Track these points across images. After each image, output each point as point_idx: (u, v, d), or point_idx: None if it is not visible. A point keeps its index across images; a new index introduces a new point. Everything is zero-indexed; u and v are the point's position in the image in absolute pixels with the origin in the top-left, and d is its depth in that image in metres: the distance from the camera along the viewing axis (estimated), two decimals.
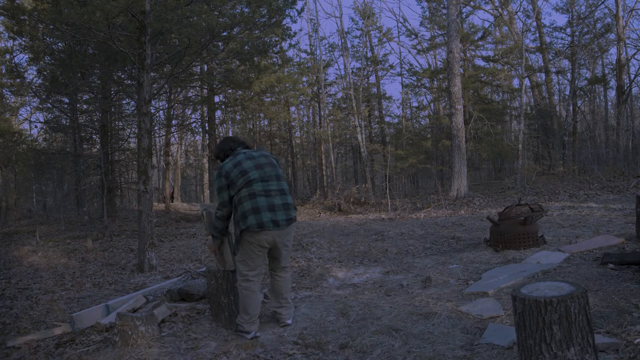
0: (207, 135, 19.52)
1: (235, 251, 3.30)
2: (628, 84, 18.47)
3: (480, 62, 21.63)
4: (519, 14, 19.94)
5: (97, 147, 15.20)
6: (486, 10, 20.95)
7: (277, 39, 13.95)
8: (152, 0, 6.62)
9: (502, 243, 5.51)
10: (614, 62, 18.53)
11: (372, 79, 24.75)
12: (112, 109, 14.90)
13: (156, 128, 17.14)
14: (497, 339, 2.78)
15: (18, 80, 12.73)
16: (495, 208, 10.61)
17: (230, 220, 3.34)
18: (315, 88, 21.78)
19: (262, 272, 3.36)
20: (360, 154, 19.51)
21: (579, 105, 21.23)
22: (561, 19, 66.45)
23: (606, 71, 21.80)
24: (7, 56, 13.71)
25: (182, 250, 8.21)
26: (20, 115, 19.92)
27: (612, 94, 23.83)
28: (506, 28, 20.54)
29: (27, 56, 14.25)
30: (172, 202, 20.24)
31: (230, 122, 26.65)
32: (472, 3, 19.65)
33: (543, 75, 20.49)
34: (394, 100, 45.84)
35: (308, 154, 24.66)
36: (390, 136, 24.92)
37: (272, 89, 16.66)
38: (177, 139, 26.27)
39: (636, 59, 32.65)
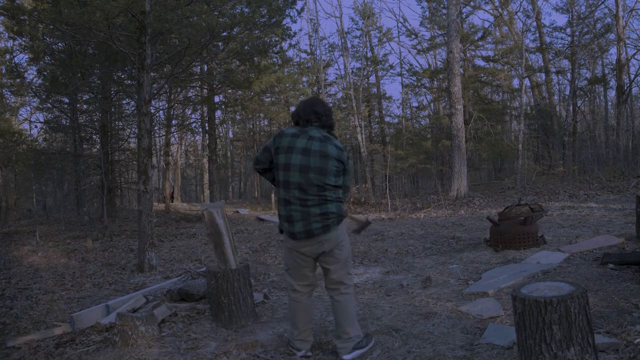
0: (207, 135, 19.53)
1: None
2: (628, 84, 18.48)
3: (480, 62, 21.65)
4: (519, 14, 19.97)
5: (97, 147, 15.20)
6: (486, 10, 20.96)
7: (277, 39, 13.96)
8: (152, 0, 6.62)
9: (502, 243, 5.51)
10: (614, 62, 18.54)
11: (372, 79, 24.78)
12: (112, 109, 14.91)
13: (156, 128, 17.15)
14: (497, 339, 2.78)
15: (18, 80, 12.74)
16: (495, 208, 10.61)
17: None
18: (315, 88, 21.79)
19: (312, 285, 2.98)
20: (360, 154, 19.52)
21: (579, 105, 21.24)
22: (561, 19, 66.47)
23: (606, 71, 21.82)
24: (7, 56, 13.72)
25: (182, 250, 8.21)
26: (20, 115, 19.95)
27: (612, 94, 23.85)
28: (506, 28, 20.55)
29: (27, 56, 14.27)
30: (172, 202, 20.24)
31: (230, 122, 26.67)
32: (472, 3, 19.65)
33: (543, 75, 20.49)
34: (394, 100, 45.89)
35: None
36: (390, 136, 24.94)
37: (272, 89, 16.68)
38: (177, 139, 26.29)
39: (636, 59, 32.68)
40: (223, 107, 18.81)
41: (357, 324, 2.94)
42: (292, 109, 23.86)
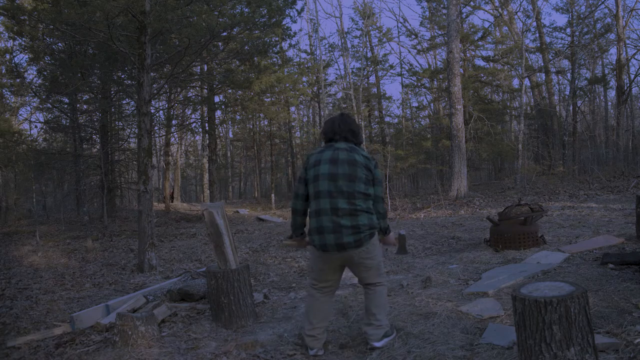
0: (207, 135, 19.53)
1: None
2: (628, 84, 18.48)
3: (480, 62, 21.66)
4: (519, 14, 19.97)
5: (97, 147, 15.19)
6: (486, 10, 20.97)
7: (277, 39, 13.95)
8: (152, 0, 6.62)
9: (502, 243, 5.52)
10: (614, 62, 18.54)
11: (372, 79, 24.78)
12: (112, 109, 14.91)
13: (156, 128, 17.15)
14: (497, 339, 2.77)
15: (18, 80, 12.73)
16: (495, 208, 10.61)
17: (306, 217, 2.98)
18: (315, 88, 21.79)
19: (333, 287, 3.02)
20: None
21: (579, 105, 21.24)
22: (561, 19, 66.49)
23: (606, 71, 21.83)
24: (7, 56, 13.70)
25: (182, 250, 8.21)
26: (20, 115, 19.96)
27: (612, 94, 23.86)
28: (506, 28, 20.55)
29: (27, 56, 14.25)
30: (172, 202, 20.24)
31: (230, 122, 26.68)
32: (472, 3, 19.65)
33: (543, 75, 20.50)
34: (394, 100, 45.91)
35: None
36: (390, 136, 24.94)
37: (272, 89, 16.67)
38: (177, 139, 26.30)
39: (636, 59, 32.69)
40: (223, 107, 18.80)
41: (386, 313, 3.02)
42: (293, 109, 23.85)
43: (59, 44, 11.65)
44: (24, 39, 10.72)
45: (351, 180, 2.74)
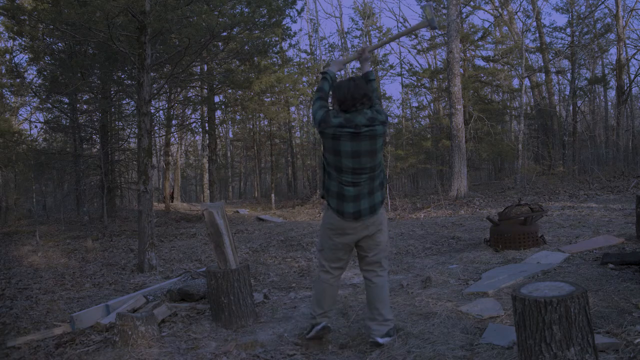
0: (207, 135, 19.52)
1: (319, 236, 3.07)
2: (628, 84, 18.48)
3: (480, 62, 21.64)
4: (519, 14, 19.96)
5: (97, 147, 15.19)
6: (486, 10, 20.98)
7: (277, 39, 13.94)
8: (152, 0, 6.62)
9: (502, 243, 5.52)
10: (614, 62, 18.54)
11: None
12: (112, 109, 14.90)
13: (156, 128, 17.15)
14: (497, 339, 2.77)
15: (18, 80, 12.73)
16: (495, 208, 10.61)
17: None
18: (315, 88, 21.77)
19: (343, 268, 3.08)
20: None
21: (579, 105, 21.24)
22: (561, 19, 66.49)
23: (606, 71, 21.82)
24: (7, 56, 13.70)
25: (182, 250, 8.21)
26: (20, 115, 19.95)
27: (612, 94, 23.86)
28: (506, 28, 20.55)
29: (27, 56, 14.25)
30: (172, 202, 20.24)
31: (230, 122, 26.68)
32: (472, 3, 19.65)
33: (543, 75, 20.49)
34: (394, 100, 45.91)
35: (308, 154, 24.66)
36: (390, 136, 24.92)
37: (272, 89, 16.67)
38: (177, 139, 26.29)
39: (636, 59, 32.70)
40: (223, 107, 18.80)
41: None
42: (293, 109, 23.82)
43: (59, 44, 11.64)
44: (24, 39, 10.72)
45: (372, 155, 2.81)
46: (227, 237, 3.57)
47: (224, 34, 8.33)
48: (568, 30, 19.74)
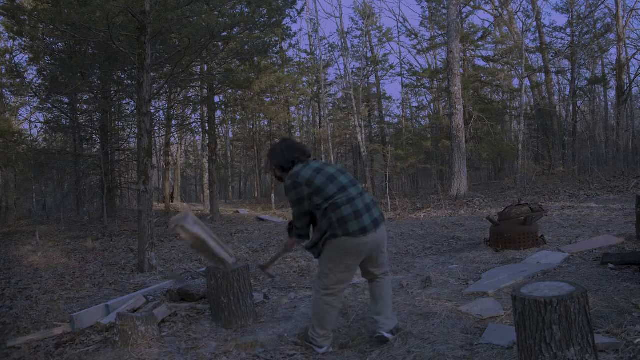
0: (207, 135, 19.51)
1: (321, 262, 2.93)
2: (628, 84, 18.48)
3: (480, 62, 21.65)
4: (519, 14, 19.96)
5: (97, 147, 15.20)
6: (486, 10, 20.98)
7: (277, 39, 13.93)
8: (152, 0, 6.62)
9: (502, 243, 5.51)
10: (614, 62, 18.54)
11: (372, 79, 24.77)
12: (112, 109, 14.91)
13: (156, 128, 17.15)
14: (497, 339, 2.77)
15: (18, 80, 12.73)
16: (495, 208, 10.61)
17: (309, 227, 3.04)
18: (315, 88, 21.78)
19: (347, 287, 3.09)
20: (360, 154, 19.53)
21: (579, 105, 21.24)
22: (561, 19, 66.48)
23: (606, 71, 21.83)
24: (7, 56, 13.70)
25: (182, 250, 8.21)
26: (20, 115, 19.96)
27: (612, 94, 23.86)
28: (506, 28, 20.55)
29: (27, 56, 14.25)
30: (172, 202, 20.25)
31: (230, 122, 26.67)
32: (472, 3, 19.65)
33: (543, 75, 20.49)
34: (394, 100, 45.92)
35: None
36: (390, 136, 24.94)
37: (272, 89, 16.64)
38: (177, 139, 26.30)
39: (636, 59, 32.69)
40: (223, 107, 18.77)
41: None
42: (293, 109, 23.80)
43: (59, 44, 11.64)
44: (24, 39, 10.71)
45: (348, 173, 3.04)
46: (210, 239, 3.42)
47: (224, 34, 8.33)
48: (568, 30, 19.75)
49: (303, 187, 2.83)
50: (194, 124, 19.68)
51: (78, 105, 14.06)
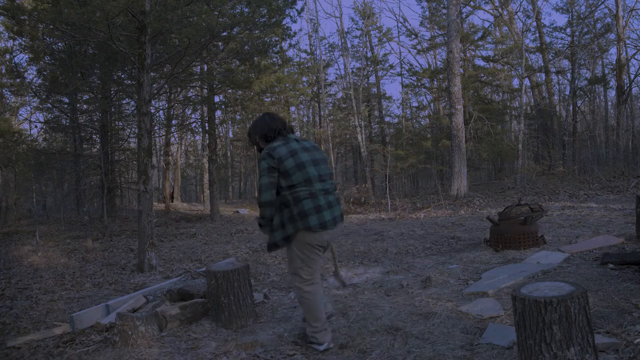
0: (207, 135, 19.50)
1: (291, 260, 3.00)
2: (628, 84, 18.47)
3: (480, 62, 21.65)
4: (519, 14, 19.96)
5: (97, 147, 15.19)
6: (486, 10, 20.98)
7: (277, 38, 13.93)
8: (152, 0, 6.62)
9: (502, 243, 5.51)
10: (614, 62, 18.54)
11: (372, 79, 24.76)
12: (112, 109, 14.90)
13: (156, 128, 17.14)
14: (497, 339, 2.77)
15: (18, 80, 12.72)
16: (495, 208, 10.61)
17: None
18: (315, 88, 21.77)
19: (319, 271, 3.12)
20: (360, 154, 19.52)
21: (579, 105, 21.24)
22: (561, 19, 66.47)
23: (606, 71, 21.82)
24: (7, 56, 13.70)
25: (182, 250, 8.21)
26: (20, 115, 19.97)
27: (612, 94, 23.86)
28: (506, 28, 20.55)
29: (27, 56, 14.25)
30: (172, 202, 20.24)
31: (230, 122, 26.66)
32: (472, 3, 19.65)
33: (543, 75, 20.49)
34: (394, 100, 45.91)
35: None
36: (390, 136, 24.93)
37: (272, 89, 16.63)
38: (177, 139, 26.28)
39: (636, 59, 32.69)
40: (223, 107, 18.77)
41: None
42: (293, 109, 23.81)
43: (59, 44, 11.64)
44: (24, 38, 10.71)
45: (326, 163, 3.09)
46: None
47: (224, 34, 8.33)
48: (568, 30, 19.74)
49: (275, 161, 2.91)
50: (194, 124, 19.68)
51: (78, 105, 14.05)
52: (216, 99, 17.50)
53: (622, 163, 16.50)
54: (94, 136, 15.53)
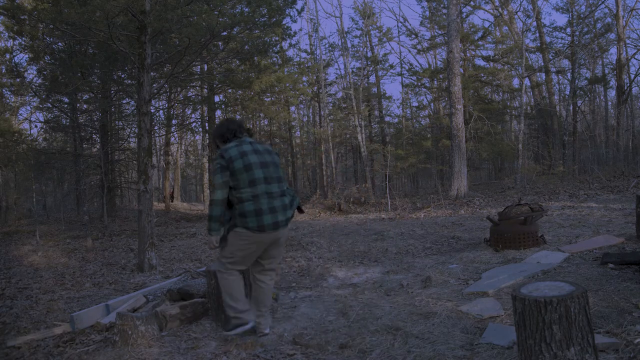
0: (207, 135, 19.51)
1: (224, 247, 3.12)
2: (628, 84, 18.47)
3: (480, 62, 21.62)
4: (519, 13, 19.94)
5: (97, 147, 15.20)
6: (486, 10, 20.96)
7: (277, 38, 13.92)
8: (152, 0, 6.62)
9: (502, 243, 5.51)
10: (614, 62, 18.53)
11: (372, 78, 24.73)
12: (112, 109, 14.90)
13: (156, 128, 17.14)
14: (497, 339, 2.78)
15: (18, 80, 12.73)
16: (495, 208, 10.61)
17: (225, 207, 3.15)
18: (315, 88, 21.77)
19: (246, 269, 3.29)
20: (360, 153, 19.52)
21: (579, 105, 21.23)
22: (561, 19, 66.42)
23: (606, 71, 21.81)
24: (7, 56, 13.70)
25: (182, 250, 8.21)
26: (20, 115, 19.95)
27: (612, 93, 23.84)
28: (506, 28, 20.54)
29: (27, 56, 14.25)
30: (172, 201, 20.25)
31: None
32: (472, 3, 19.65)
33: (543, 75, 20.48)
34: (394, 100, 45.97)
35: (308, 153, 24.64)
36: (390, 136, 24.91)
37: (272, 88, 16.64)
38: (177, 139, 26.28)
39: (636, 59, 32.70)
40: (223, 107, 18.78)
41: None
42: (293, 108, 23.84)
43: (59, 44, 11.64)
44: (24, 38, 10.72)
45: (276, 167, 3.17)
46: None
47: (224, 33, 8.33)
48: (568, 30, 19.73)
49: (225, 161, 3.02)
50: (194, 124, 19.70)
51: (78, 105, 14.05)
52: (216, 98, 17.51)
53: (622, 163, 16.49)
54: (94, 136, 15.53)
